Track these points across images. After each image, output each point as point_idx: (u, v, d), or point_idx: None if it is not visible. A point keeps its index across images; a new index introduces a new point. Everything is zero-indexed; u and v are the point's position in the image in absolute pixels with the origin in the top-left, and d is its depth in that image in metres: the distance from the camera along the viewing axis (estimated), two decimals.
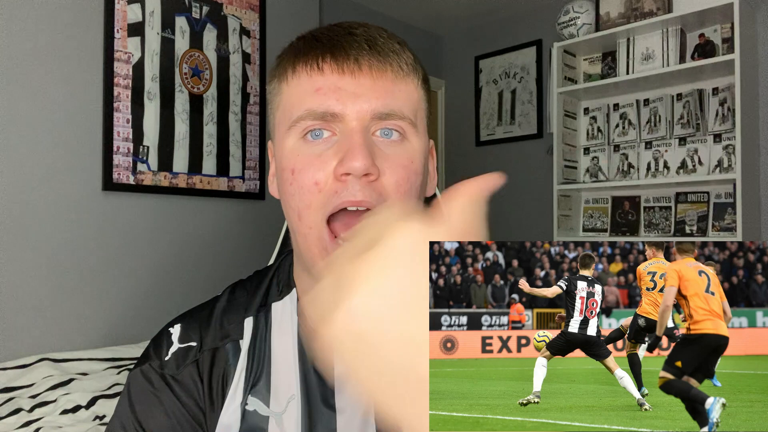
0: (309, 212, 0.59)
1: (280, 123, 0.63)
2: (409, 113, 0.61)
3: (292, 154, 0.60)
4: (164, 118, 2.49)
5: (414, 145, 0.61)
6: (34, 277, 2.13)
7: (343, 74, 0.59)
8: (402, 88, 0.61)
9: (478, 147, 4.26)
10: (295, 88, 0.61)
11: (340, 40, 0.60)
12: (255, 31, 2.83)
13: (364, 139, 0.57)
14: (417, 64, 0.64)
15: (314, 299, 0.34)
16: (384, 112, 0.59)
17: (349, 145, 0.57)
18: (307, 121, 0.59)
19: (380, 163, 0.58)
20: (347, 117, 0.58)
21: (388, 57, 0.60)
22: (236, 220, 2.77)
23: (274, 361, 0.67)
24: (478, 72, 4.30)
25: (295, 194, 0.59)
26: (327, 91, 0.58)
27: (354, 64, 0.59)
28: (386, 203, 0.58)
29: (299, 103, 0.60)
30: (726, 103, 2.96)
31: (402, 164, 0.59)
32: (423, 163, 0.62)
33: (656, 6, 3.04)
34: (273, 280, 0.73)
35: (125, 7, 2.37)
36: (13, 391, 1.82)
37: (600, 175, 3.40)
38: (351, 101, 0.58)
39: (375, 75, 0.59)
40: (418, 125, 0.62)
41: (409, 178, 0.60)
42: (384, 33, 0.63)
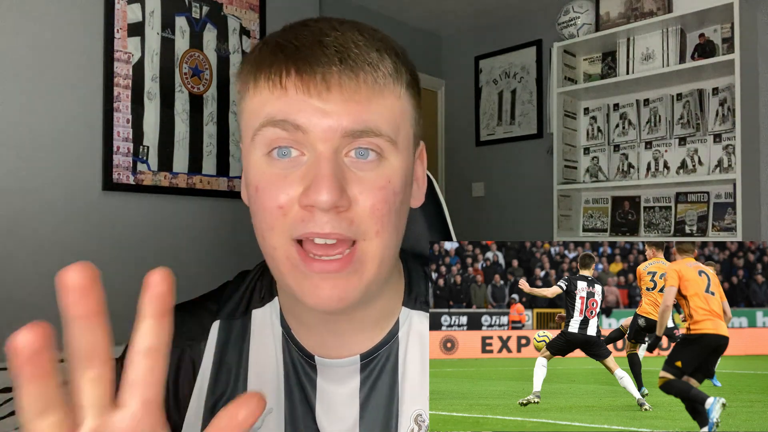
0: (272, 234, 0.54)
1: (245, 130, 0.57)
2: (387, 129, 0.54)
3: (257, 170, 0.55)
4: (164, 118, 2.49)
5: (393, 163, 0.55)
6: (34, 276, 2.13)
7: (308, 95, 0.52)
8: (379, 103, 0.54)
9: (478, 147, 4.26)
10: (258, 96, 0.55)
11: (307, 51, 0.53)
12: (255, 31, 2.83)
13: (332, 168, 0.51)
14: (400, 69, 0.56)
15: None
16: (357, 130, 0.52)
17: (315, 174, 0.51)
18: (268, 129, 0.53)
19: (353, 189, 0.53)
20: (312, 134, 0.52)
21: (362, 71, 0.53)
22: (236, 220, 2.77)
23: (252, 371, 0.64)
24: (478, 72, 4.30)
25: (257, 213, 0.55)
26: (291, 101, 0.53)
27: (321, 84, 0.52)
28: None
29: (260, 110, 0.54)
30: (726, 103, 2.96)
31: (378, 186, 0.54)
32: (404, 179, 0.57)
33: (656, 6, 3.04)
34: (255, 285, 0.69)
35: (125, 7, 2.37)
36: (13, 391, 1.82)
37: (600, 175, 3.40)
38: (318, 116, 0.52)
39: (346, 94, 0.52)
40: (398, 141, 0.56)
41: (386, 200, 0.54)
42: (360, 38, 0.55)
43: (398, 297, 0.67)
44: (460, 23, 4.28)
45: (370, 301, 0.62)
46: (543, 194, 3.75)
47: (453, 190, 4.35)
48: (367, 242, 0.54)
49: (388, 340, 0.65)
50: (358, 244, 0.54)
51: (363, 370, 0.64)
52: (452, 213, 0.98)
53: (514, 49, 4.08)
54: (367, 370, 0.64)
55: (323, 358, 0.64)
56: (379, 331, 0.65)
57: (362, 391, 0.64)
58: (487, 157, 4.21)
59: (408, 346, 0.66)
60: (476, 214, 4.21)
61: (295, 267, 0.54)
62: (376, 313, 0.64)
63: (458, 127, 4.39)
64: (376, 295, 0.63)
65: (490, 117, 4.22)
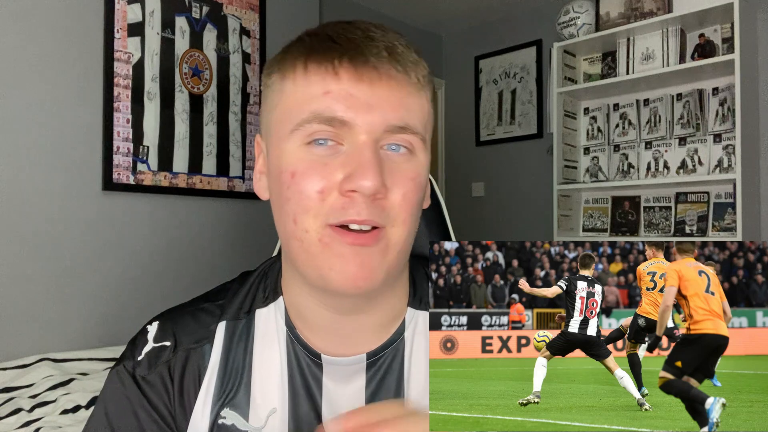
0: (306, 217, 0.55)
1: (279, 122, 0.58)
2: (420, 128, 0.58)
3: (294, 157, 0.56)
4: (164, 118, 2.49)
5: (421, 159, 0.59)
6: (34, 276, 2.12)
7: (360, 81, 0.55)
8: (416, 102, 0.58)
9: (478, 147, 4.26)
10: (304, 88, 0.56)
11: (359, 43, 0.56)
12: (255, 31, 2.83)
13: (375, 156, 0.54)
14: (430, 78, 0.61)
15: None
16: (398, 126, 0.56)
17: (359, 161, 0.54)
18: (313, 125, 0.55)
19: (388, 178, 0.55)
20: (356, 128, 0.55)
21: (407, 67, 0.57)
22: (236, 220, 2.77)
23: (256, 371, 0.64)
24: (478, 72, 4.30)
25: (292, 198, 0.56)
26: (337, 96, 0.55)
27: (373, 72, 0.55)
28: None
29: (305, 105, 0.56)
30: (726, 103, 2.96)
31: (410, 177, 0.57)
32: (426, 176, 0.61)
33: (656, 6, 3.04)
34: (259, 285, 0.69)
35: (125, 7, 2.37)
36: (13, 391, 1.82)
37: (600, 175, 3.40)
38: (363, 111, 0.54)
39: (392, 86, 0.56)
40: (426, 140, 0.60)
41: (416, 191, 0.58)
42: (402, 40, 0.59)
43: (404, 297, 0.68)
44: (460, 23, 4.28)
45: (379, 301, 0.63)
46: (543, 194, 3.75)
47: (453, 190, 4.35)
48: (395, 228, 0.57)
49: (395, 340, 0.66)
50: (386, 229, 0.56)
51: (369, 369, 0.64)
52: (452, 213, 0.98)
53: (514, 49, 4.08)
54: (372, 369, 0.64)
55: (329, 356, 0.64)
56: (386, 331, 0.66)
57: (368, 389, 0.64)
58: (487, 157, 4.21)
59: (414, 346, 0.66)
60: (476, 214, 4.21)
61: (327, 246, 0.55)
62: (383, 314, 0.65)
63: (458, 127, 4.39)
64: (385, 295, 0.63)
65: (490, 117, 4.22)
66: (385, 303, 0.64)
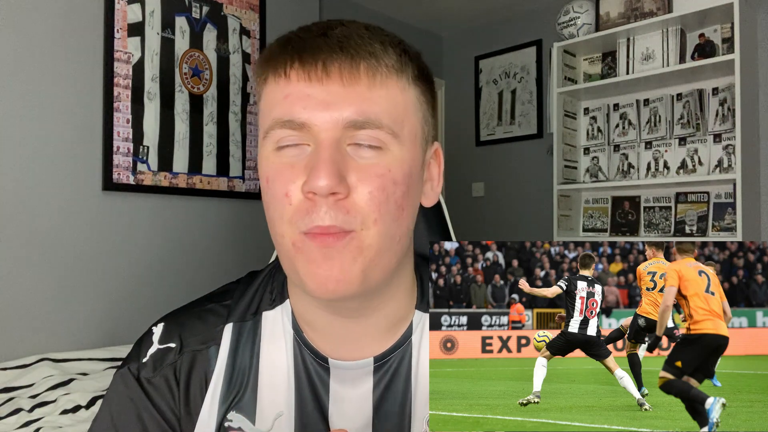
0: (281, 222, 0.55)
1: (260, 128, 0.59)
2: (388, 121, 0.55)
3: (267, 162, 0.57)
4: (164, 118, 2.49)
5: (395, 153, 0.55)
6: (34, 276, 2.12)
7: (310, 81, 0.54)
8: (381, 94, 0.55)
9: (478, 147, 4.26)
10: (271, 94, 0.57)
11: (310, 42, 0.55)
12: (255, 31, 2.83)
13: (331, 155, 0.53)
14: (405, 63, 0.57)
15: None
16: (358, 121, 0.54)
17: (315, 161, 0.53)
18: (277, 131, 0.55)
19: (352, 176, 0.54)
20: (315, 128, 0.54)
21: (363, 60, 0.54)
22: (236, 220, 2.77)
23: (262, 374, 0.64)
24: (478, 72, 4.30)
25: (269, 203, 0.57)
26: (295, 98, 0.54)
27: (321, 71, 0.54)
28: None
29: (269, 112, 0.56)
30: (726, 103, 2.96)
31: (377, 173, 0.54)
32: (407, 171, 0.56)
33: (656, 6, 3.04)
34: (266, 287, 0.69)
35: (125, 7, 2.37)
36: (13, 391, 1.82)
37: (600, 175, 3.40)
38: (319, 110, 0.53)
39: (346, 81, 0.54)
40: (402, 134, 0.56)
41: (384, 188, 0.54)
42: (365, 32, 0.56)
43: (411, 301, 0.67)
44: (460, 23, 4.28)
45: (382, 304, 0.62)
46: (543, 194, 3.75)
47: (453, 190, 4.35)
48: (365, 231, 0.55)
49: (402, 343, 0.65)
50: (357, 233, 0.54)
51: (376, 373, 0.64)
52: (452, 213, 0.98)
53: (514, 49, 4.08)
54: (380, 372, 0.64)
55: (336, 360, 0.63)
56: (393, 334, 0.65)
57: (375, 393, 0.64)
58: (487, 157, 4.21)
59: (421, 350, 0.65)
60: (476, 214, 4.21)
61: (300, 251, 0.55)
62: (389, 317, 0.64)
63: (458, 127, 4.39)
64: (387, 298, 0.62)
65: (490, 117, 4.22)
66: (388, 306, 0.63)
